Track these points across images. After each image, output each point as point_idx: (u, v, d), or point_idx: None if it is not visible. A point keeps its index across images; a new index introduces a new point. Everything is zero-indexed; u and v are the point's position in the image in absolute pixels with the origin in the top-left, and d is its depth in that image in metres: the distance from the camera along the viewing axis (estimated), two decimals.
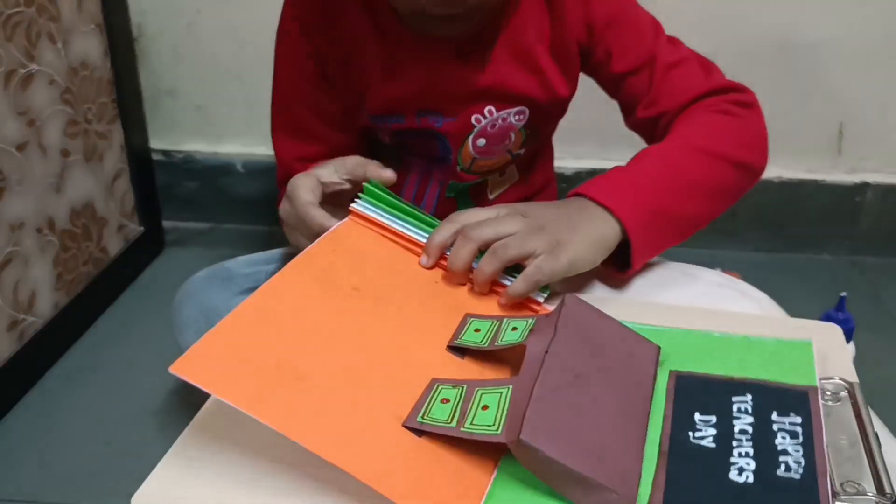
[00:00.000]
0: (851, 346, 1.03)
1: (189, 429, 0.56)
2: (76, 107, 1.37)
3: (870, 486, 0.51)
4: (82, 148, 1.40)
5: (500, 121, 0.87)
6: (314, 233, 0.70)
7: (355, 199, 0.72)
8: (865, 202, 1.68)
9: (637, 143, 0.96)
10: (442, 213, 0.95)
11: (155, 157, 1.72)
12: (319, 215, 0.71)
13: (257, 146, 1.71)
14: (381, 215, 0.71)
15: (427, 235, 0.70)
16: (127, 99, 1.55)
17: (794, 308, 0.74)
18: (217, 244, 1.72)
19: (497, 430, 0.49)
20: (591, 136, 1.61)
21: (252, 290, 0.89)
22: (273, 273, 0.90)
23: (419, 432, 0.51)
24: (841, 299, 1.01)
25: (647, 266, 0.79)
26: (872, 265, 1.70)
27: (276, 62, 0.90)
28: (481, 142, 0.88)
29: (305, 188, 0.73)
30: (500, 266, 0.66)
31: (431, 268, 0.68)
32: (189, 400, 0.60)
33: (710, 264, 1.47)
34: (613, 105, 0.94)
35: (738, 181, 0.81)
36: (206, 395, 0.59)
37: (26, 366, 1.27)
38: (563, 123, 1.64)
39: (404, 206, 0.72)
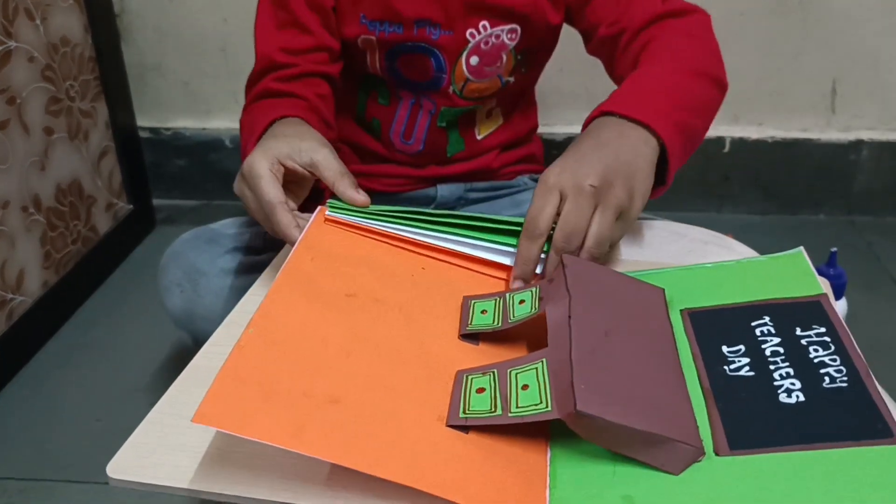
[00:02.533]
0: (843, 302, 1.02)
1: (164, 398, 0.56)
2: (58, 84, 1.35)
3: None
4: (66, 126, 1.38)
5: (493, 38, 0.89)
6: (278, 235, 0.67)
7: (327, 202, 0.69)
8: (861, 160, 1.66)
9: None
10: (432, 144, 0.96)
11: (142, 134, 1.70)
12: (285, 222, 0.66)
13: None
14: (356, 219, 0.68)
15: (407, 229, 0.67)
16: (111, 76, 1.53)
17: None
18: (208, 220, 1.69)
19: (546, 407, 0.47)
20: (581, 100, 1.59)
21: (237, 249, 0.88)
22: (259, 234, 0.90)
23: (465, 428, 0.49)
24: (832, 255, 1.00)
25: (636, 226, 0.78)
26: (869, 223, 1.69)
27: None
28: (474, 59, 0.90)
29: (268, 179, 0.67)
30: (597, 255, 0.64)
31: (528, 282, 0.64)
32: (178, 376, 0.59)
33: (705, 228, 1.47)
34: (602, 69, 0.93)
35: (720, 99, 0.82)
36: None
37: (17, 345, 1.27)
38: (552, 88, 1.63)
39: (379, 209, 0.68)
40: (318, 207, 0.69)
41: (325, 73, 0.89)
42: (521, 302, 0.59)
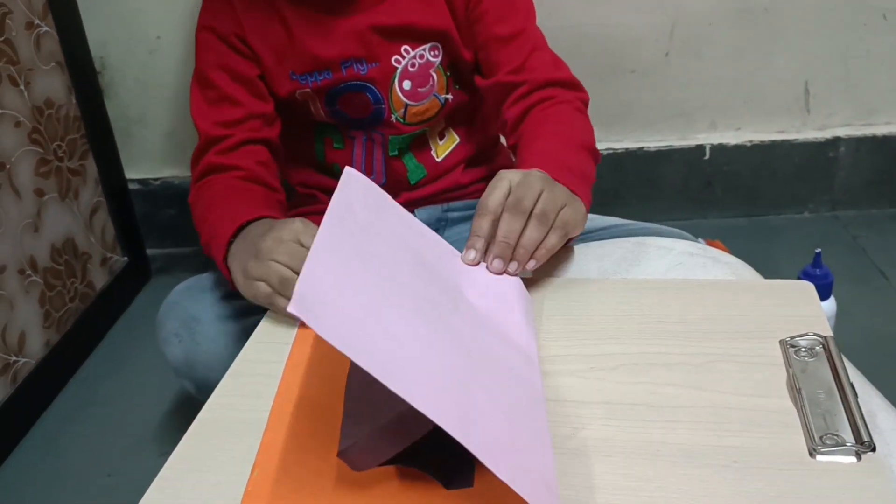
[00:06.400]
0: (832, 301, 1.04)
1: (174, 454, 0.57)
2: (45, 146, 1.37)
3: (848, 437, 0.52)
4: (56, 186, 1.40)
5: (418, 58, 0.94)
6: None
7: None
8: (839, 157, 1.69)
9: (600, 128, 0.97)
10: (392, 175, 0.99)
11: (132, 186, 1.72)
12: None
13: None
14: None
15: None
16: (97, 133, 1.55)
17: (780, 268, 0.74)
18: (203, 267, 1.70)
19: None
20: None
21: (231, 295, 0.90)
22: None
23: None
24: (816, 255, 1.02)
25: (625, 242, 0.81)
26: (852, 218, 1.71)
27: (197, 35, 0.96)
28: (407, 84, 0.95)
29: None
30: (547, 230, 0.69)
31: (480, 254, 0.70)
32: (187, 426, 0.61)
33: (692, 235, 1.48)
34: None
35: (595, 171, 0.89)
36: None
37: (23, 407, 1.28)
38: None
39: None
40: (300, 321, 0.72)
41: (262, 138, 0.95)
42: None
